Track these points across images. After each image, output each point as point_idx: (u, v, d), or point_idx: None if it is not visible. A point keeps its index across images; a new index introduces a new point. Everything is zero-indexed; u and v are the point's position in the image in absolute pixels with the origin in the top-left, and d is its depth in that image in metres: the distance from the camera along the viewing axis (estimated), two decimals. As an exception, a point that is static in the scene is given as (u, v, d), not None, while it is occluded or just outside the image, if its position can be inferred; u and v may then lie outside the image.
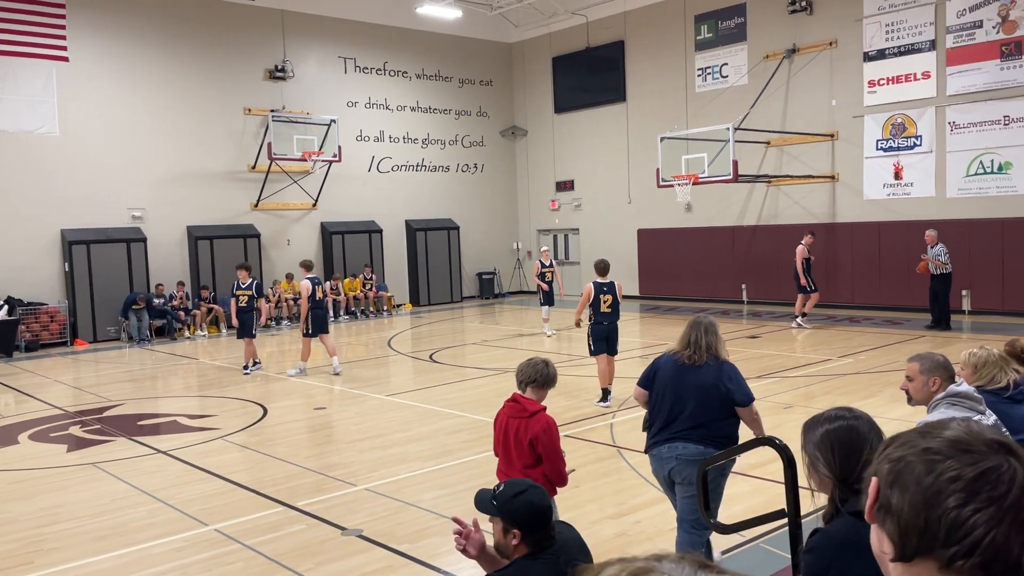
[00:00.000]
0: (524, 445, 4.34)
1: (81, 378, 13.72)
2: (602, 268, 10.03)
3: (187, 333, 18.29)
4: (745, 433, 4.78)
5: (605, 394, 9.89)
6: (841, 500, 2.30)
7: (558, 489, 4.55)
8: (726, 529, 3.96)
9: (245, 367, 13.18)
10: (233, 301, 13.23)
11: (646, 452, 4.93)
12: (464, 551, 3.15)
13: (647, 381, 4.86)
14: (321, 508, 6.49)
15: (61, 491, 7.29)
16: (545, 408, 4.47)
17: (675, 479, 4.64)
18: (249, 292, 13.05)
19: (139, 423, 10.01)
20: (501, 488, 3.02)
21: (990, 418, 4.13)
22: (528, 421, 4.37)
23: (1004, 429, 4.15)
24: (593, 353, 9.96)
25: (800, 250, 15.99)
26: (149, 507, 6.71)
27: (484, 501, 3.04)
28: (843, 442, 2.30)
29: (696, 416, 4.58)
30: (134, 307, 17.46)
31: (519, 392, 4.55)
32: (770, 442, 3.68)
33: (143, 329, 17.52)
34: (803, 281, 15.93)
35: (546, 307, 16.35)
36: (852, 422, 2.33)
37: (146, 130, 18.73)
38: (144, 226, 18.68)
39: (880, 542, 1.06)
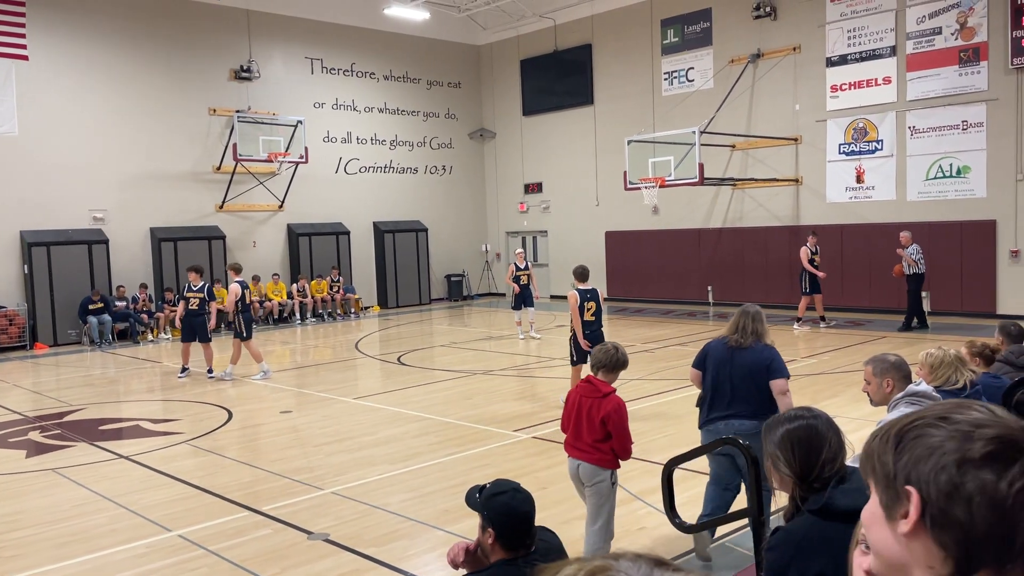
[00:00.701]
0: (596, 422, 4.75)
1: (41, 382, 13.45)
2: (582, 274, 9.69)
3: (150, 336, 18.01)
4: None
5: None
6: (801, 498, 2.33)
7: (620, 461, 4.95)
8: (691, 528, 4.00)
9: (209, 371, 12.95)
10: (182, 304, 13.09)
11: (700, 428, 5.36)
12: (452, 563, 3.16)
13: (700, 363, 5.40)
14: (287, 512, 6.43)
15: (20, 498, 7.14)
16: (615, 390, 4.86)
17: (733, 453, 5.03)
18: (201, 295, 12.95)
19: (100, 428, 9.84)
20: (487, 486, 3.06)
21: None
22: (601, 401, 4.77)
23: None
24: (576, 362, 9.46)
25: (803, 251, 15.98)
26: (110, 513, 6.60)
27: (471, 496, 3.09)
28: (802, 441, 2.34)
29: (746, 394, 5.09)
30: (91, 308, 17.16)
31: (592, 375, 4.93)
32: (734, 442, 3.73)
33: (105, 332, 17.23)
34: (806, 283, 15.85)
35: (519, 311, 16.09)
36: (811, 421, 2.37)
37: (108, 130, 18.43)
38: (106, 227, 18.37)
39: (923, 556, 0.98)
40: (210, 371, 13.00)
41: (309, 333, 18.62)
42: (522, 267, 16.24)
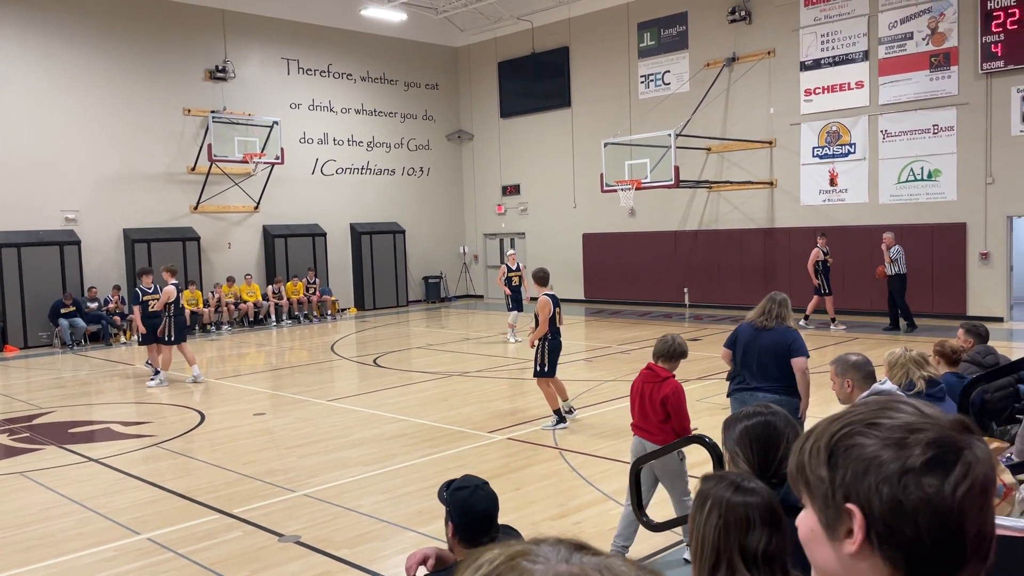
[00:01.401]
0: (656, 404, 5.26)
1: (11, 385, 13.26)
2: (544, 278, 9.26)
3: (123, 339, 17.82)
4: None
5: (565, 413, 8.95)
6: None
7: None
8: (658, 527, 4.02)
9: (156, 373, 12.70)
10: (138, 308, 12.85)
11: (728, 396, 6.10)
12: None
13: (731, 343, 6.08)
14: (258, 515, 6.39)
15: (-14, 502, 7.04)
16: (674, 375, 5.37)
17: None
18: (156, 296, 12.82)
19: (70, 431, 9.72)
20: (456, 480, 3.10)
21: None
22: (660, 385, 5.28)
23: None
24: (547, 374, 8.78)
25: (814, 252, 16.03)
26: (79, 516, 6.52)
27: (441, 490, 3.13)
28: (761, 437, 2.37)
29: (769, 369, 5.74)
30: (63, 311, 16.96)
31: (652, 362, 5.49)
32: (700, 440, 3.77)
33: (77, 335, 17.03)
34: (815, 282, 16.00)
35: (514, 312, 15.93)
36: (769, 418, 2.40)
37: (81, 130, 18.23)
38: (78, 228, 18.16)
39: (871, 573, 0.95)
40: (157, 372, 12.68)
41: (285, 335, 18.51)
42: (514, 268, 16.14)
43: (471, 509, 2.93)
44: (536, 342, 8.83)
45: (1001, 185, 15.71)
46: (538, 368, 8.80)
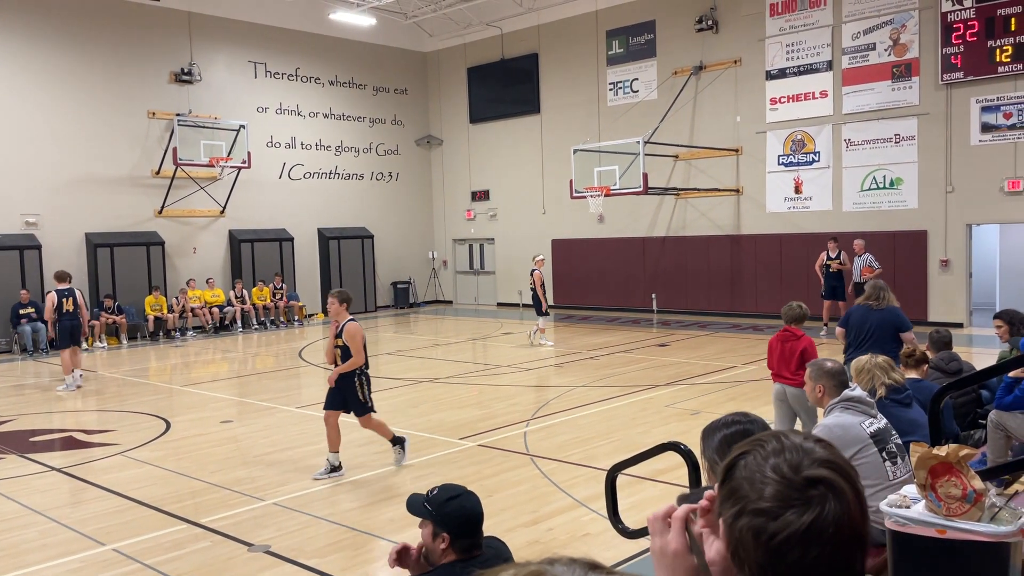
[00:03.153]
0: (795, 356, 6.77)
1: (-33, 393, 12.94)
2: (348, 299, 7.81)
3: (85, 345, 17.47)
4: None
5: (334, 465, 7.59)
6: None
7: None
8: (634, 534, 4.03)
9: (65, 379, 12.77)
10: (55, 311, 12.95)
11: (846, 363, 6.77)
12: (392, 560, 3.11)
13: (844, 323, 7.80)
14: (227, 524, 6.30)
15: (-57, 513, 6.86)
16: (805, 333, 6.99)
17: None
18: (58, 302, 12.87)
19: (31, 439, 9.51)
20: (435, 492, 3.01)
21: (881, 421, 4.36)
22: (797, 341, 6.91)
23: (894, 432, 4.38)
24: (373, 410, 7.68)
25: (820, 256, 16.07)
26: (41, 527, 6.38)
27: (416, 504, 3.02)
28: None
29: (880, 339, 7.20)
30: (22, 311, 16.61)
31: (788, 325, 7.03)
32: (675, 447, 3.79)
33: (39, 340, 16.68)
34: (822, 289, 16.06)
35: (543, 317, 15.84)
36: (747, 426, 2.43)
37: (41, 132, 17.88)
38: (39, 233, 17.80)
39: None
40: (67, 383, 12.78)
41: (251, 341, 18.30)
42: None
43: (469, 515, 2.90)
44: (337, 377, 7.51)
45: (961, 194, 16.06)
46: (368, 403, 7.59)
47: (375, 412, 7.75)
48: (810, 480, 1.09)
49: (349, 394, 7.54)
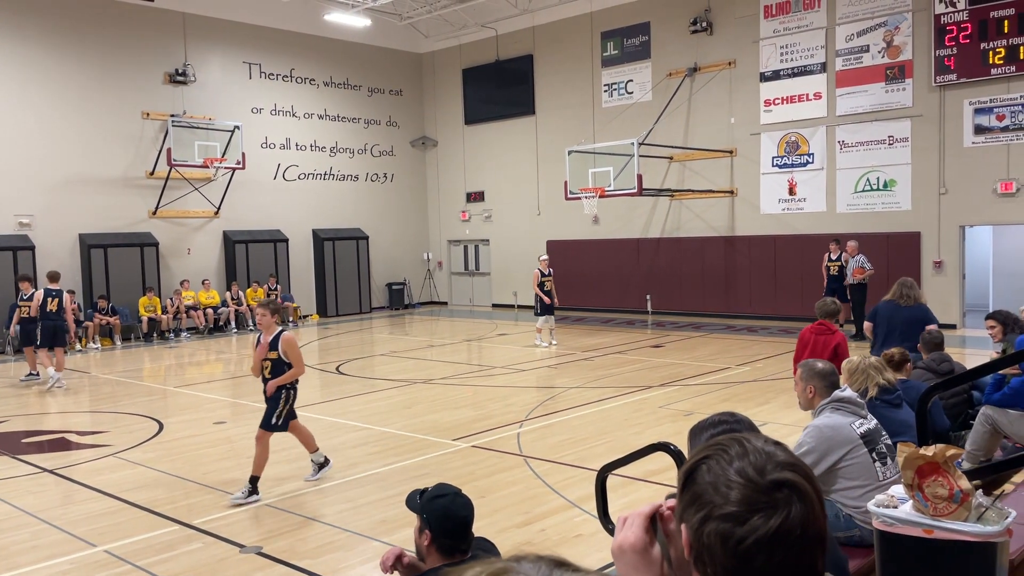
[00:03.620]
0: (829, 349, 7.13)
1: (-40, 394, 12.90)
2: (279, 309, 7.53)
3: (79, 345, 17.44)
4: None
5: (319, 465, 7.45)
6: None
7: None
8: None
9: (30, 374, 13.37)
10: (17, 312, 13.43)
11: (873, 353, 7.26)
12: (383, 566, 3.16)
13: (872, 317, 8.30)
14: (219, 525, 6.30)
15: (-66, 515, 6.84)
16: (839, 329, 7.56)
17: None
18: (30, 303, 13.12)
19: (24, 440, 9.49)
20: (428, 489, 3.08)
21: (871, 422, 4.37)
22: (831, 336, 7.35)
23: (884, 433, 4.40)
24: (280, 428, 7.15)
25: (824, 258, 16.06)
26: (32, 529, 6.36)
27: (411, 499, 3.11)
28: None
29: (908, 334, 7.56)
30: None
31: (821, 319, 7.48)
32: (665, 448, 3.80)
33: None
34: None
35: (543, 317, 15.77)
36: (733, 426, 2.43)
37: (35, 133, 17.84)
38: (32, 233, 17.76)
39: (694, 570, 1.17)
40: (30, 374, 13.45)
41: (245, 342, 18.28)
42: (546, 273, 15.90)
43: (451, 517, 2.93)
44: (275, 389, 7.10)
45: (954, 195, 16.11)
46: (276, 421, 7.07)
47: (279, 430, 7.10)
48: (776, 483, 1.10)
49: (269, 404, 7.09)
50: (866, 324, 8.30)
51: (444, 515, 2.92)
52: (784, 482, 1.10)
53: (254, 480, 6.90)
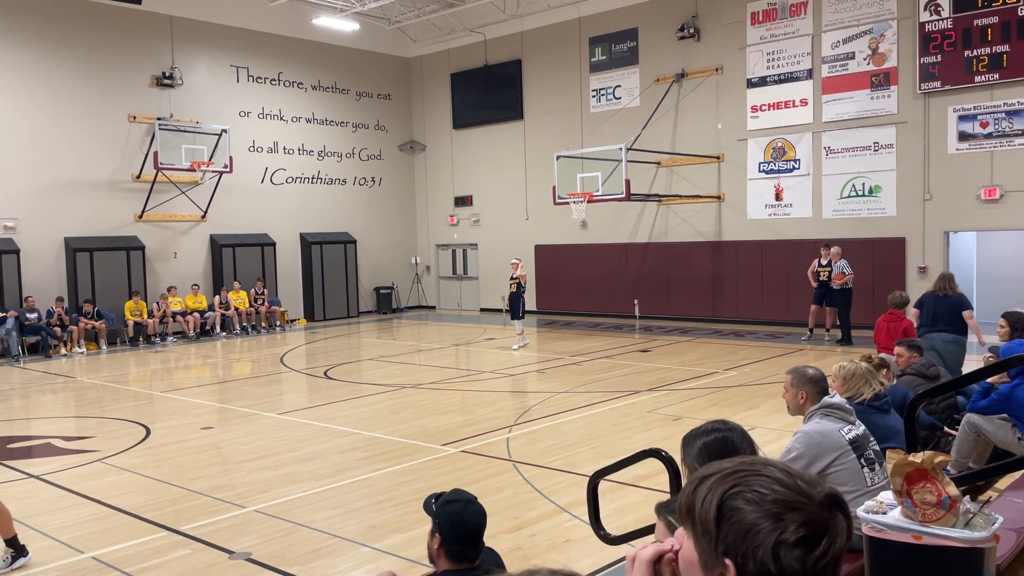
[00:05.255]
0: (899, 331, 8.77)
1: (-57, 399, 12.78)
2: None
3: (63, 350, 17.31)
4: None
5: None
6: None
7: None
8: (615, 540, 4.06)
9: None
10: None
11: (919, 336, 8.93)
12: None
13: (919, 305, 9.64)
14: (207, 532, 6.27)
15: (-82, 522, 6.76)
16: (905, 316, 9.27)
17: (937, 348, 9.02)
18: None
19: (8, 446, 9.41)
20: (445, 493, 3.14)
21: (859, 428, 4.41)
22: (900, 322, 9.11)
23: (872, 439, 4.43)
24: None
25: (813, 263, 16.10)
26: (19, 535, 6.30)
27: (428, 502, 3.16)
28: (719, 453, 2.43)
29: (949, 319, 9.22)
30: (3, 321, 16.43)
31: (892, 309, 9.26)
32: (656, 454, 3.82)
33: (14, 346, 16.49)
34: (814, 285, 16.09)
35: (520, 320, 15.94)
36: (726, 433, 2.46)
37: (20, 136, 17.71)
38: (17, 237, 17.62)
39: None
40: None
41: (232, 346, 18.20)
42: (513, 277, 16.00)
43: (463, 523, 2.95)
44: None
45: (938, 201, 16.26)
46: None
47: None
48: (828, 498, 1.13)
49: None
50: (913, 310, 9.60)
51: (455, 520, 2.95)
52: (832, 495, 1.13)
53: (11, 542, 5.69)
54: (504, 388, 12.25)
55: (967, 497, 3.20)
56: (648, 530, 3.62)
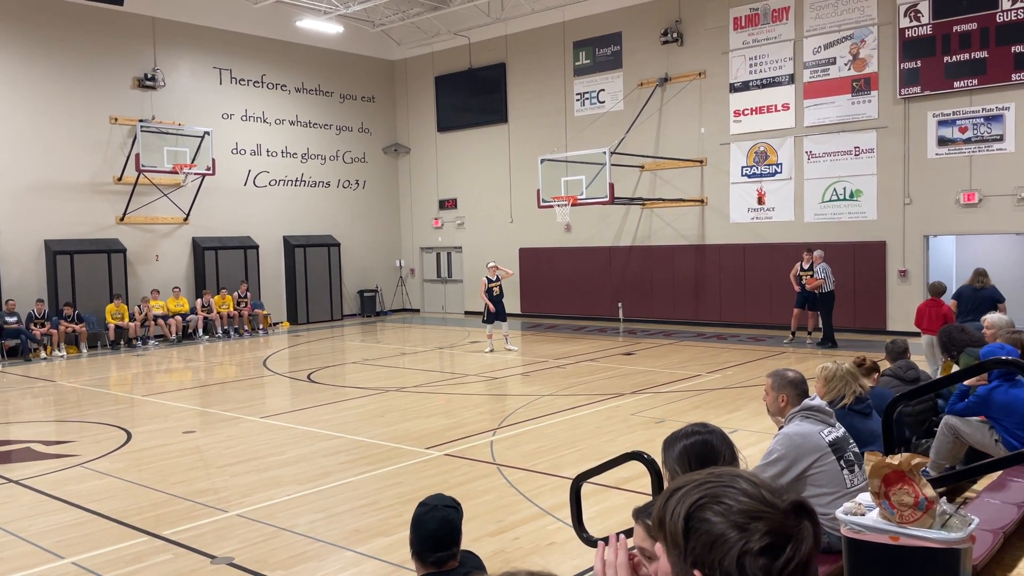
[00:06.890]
0: (940, 316, 9.85)
1: (-80, 403, 12.63)
2: None
3: (43, 354, 17.15)
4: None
5: None
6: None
7: None
8: (598, 543, 4.08)
9: None
10: None
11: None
12: None
13: (957, 296, 10.69)
14: (189, 536, 6.23)
15: None
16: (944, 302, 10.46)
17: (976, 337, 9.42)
18: None
19: (-13, 451, 9.31)
20: (429, 496, 3.20)
21: (839, 430, 4.45)
22: (940, 307, 10.12)
23: (852, 441, 4.48)
24: None
25: (795, 267, 16.10)
26: (-3, 542, 6.25)
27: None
28: (699, 455, 2.46)
29: (986, 309, 9.50)
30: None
31: (931, 296, 10.44)
32: (639, 457, 3.85)
33: (-7, 349, 16.34)
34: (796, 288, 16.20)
35: (491, 324, 15.96)
36: (706, 436, 2.49)
37: (0, 137, 17.56)
38: (-4, 239, 17.45)
39: None
40: None
41: (215, 350, 18.09)
42: (493, 280, 16.00)
43: (419, 527, 2.98)
44: None
45: (918, 206, 16.43)
46: None
47: None
48: (794, 506, 1.14)
49: None
50: (952, 301, 10.63)
51: (414, 525, 2.99)
52: (797, 503, 1.15)
53: None
54: (488, 391, 12.26)
55: (944, 498, 3.25)
56: (629, 534, 3.64)
